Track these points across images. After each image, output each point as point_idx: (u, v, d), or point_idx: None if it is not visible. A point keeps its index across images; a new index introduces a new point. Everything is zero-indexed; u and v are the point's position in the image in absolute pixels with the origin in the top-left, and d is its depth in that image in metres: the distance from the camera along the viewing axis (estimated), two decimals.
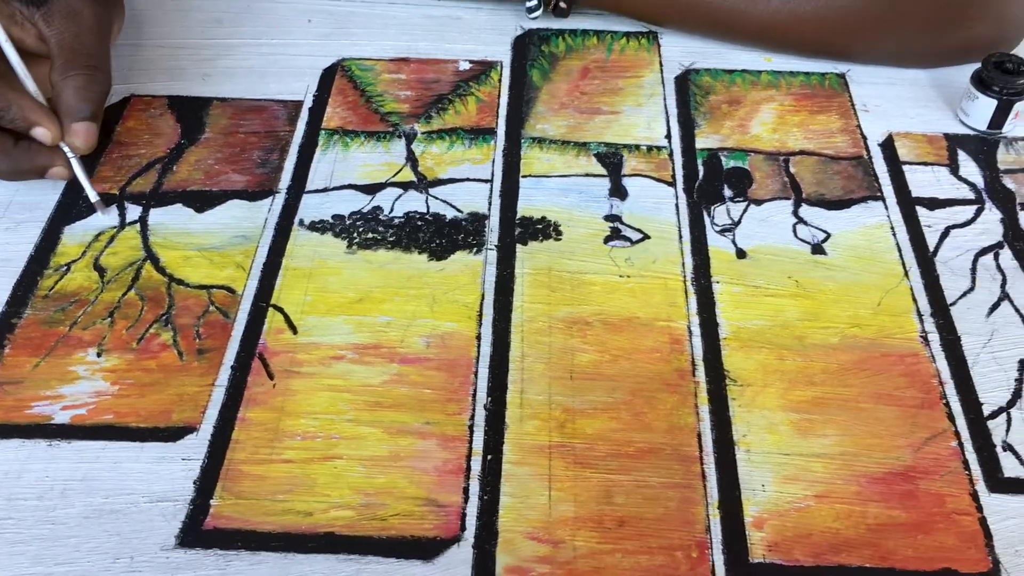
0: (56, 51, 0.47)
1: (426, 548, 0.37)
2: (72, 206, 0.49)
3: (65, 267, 0.46)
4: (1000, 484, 0.40)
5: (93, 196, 0.48)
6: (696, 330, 0.45)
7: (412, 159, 0.52)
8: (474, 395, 0.42)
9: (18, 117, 0.45)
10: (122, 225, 0.48)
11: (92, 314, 0.44)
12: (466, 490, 0.38)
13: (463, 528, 0.37)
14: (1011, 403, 0.43)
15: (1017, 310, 0.46)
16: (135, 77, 0.56)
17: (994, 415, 0.42)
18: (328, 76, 0.58)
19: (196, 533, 0.37)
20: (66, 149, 0.47)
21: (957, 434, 0.41)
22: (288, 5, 0.63)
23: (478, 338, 0.44)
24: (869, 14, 0.58)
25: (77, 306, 0.44)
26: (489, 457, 0.40)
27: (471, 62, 0.59)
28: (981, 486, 0.39)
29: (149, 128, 0.53)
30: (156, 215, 0.49)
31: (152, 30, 0.60)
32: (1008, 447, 0.41)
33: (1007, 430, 0.41)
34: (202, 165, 0.51)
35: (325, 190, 0.51)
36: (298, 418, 0.41)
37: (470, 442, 0.40)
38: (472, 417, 0.41)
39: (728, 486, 0.39)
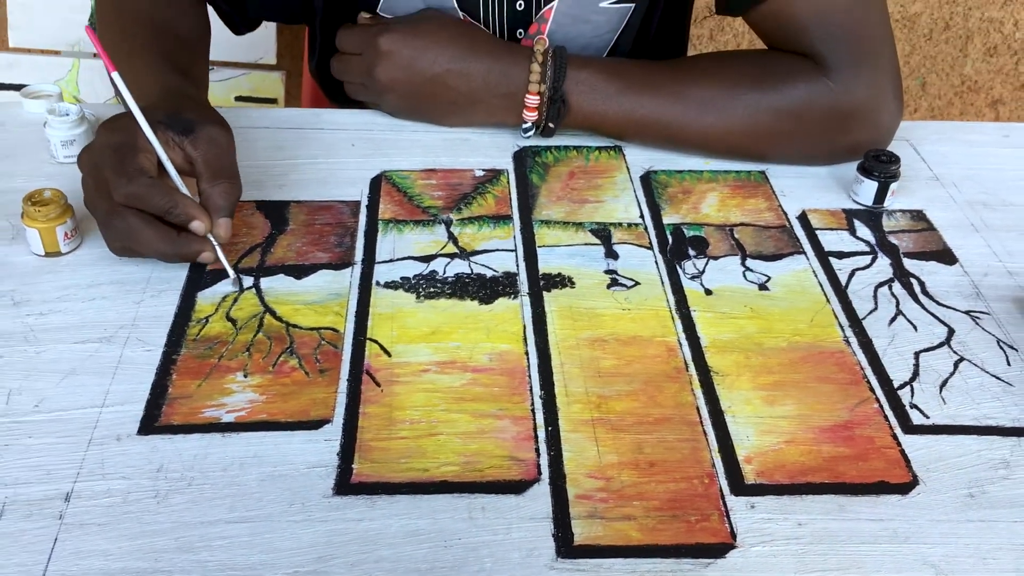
0: (202, 167, 0.62)
1: (516, 487, 0.50)
2: (198, 279, 0.63)
3: (204, 320, 0.60)
4: (911, 429, 0.56)
5: (231, 273, 0.62)
6: (684, 342, 0.61)
7: (453, 238, 0.69)
8: (530, 390, 0.56)
9: (182, 213, 0.60)
10: (241, 290, 0.62)
11: (233, 350, 0.58)
12: (537, 450, 0.53)
13: (539, 473, 0.51)
14: (912, 379, 0.59)
15: (909, 321, 0.64)
16: None
17: (901, 387, 0.59)
18: (376, 183, 0.74)
19: (346, 485, 0.50)
20: (212, 239, 0.62)
21: (878, 400, 0.57)
22: (334, 133, 0.80)
23: (526, 354, 0.59)
24: (780, 128, 0.77)
25: (220, 345, 0.58)
26: (549, 428, 0.54)
27: (484, 170, 0.76)
28: (899, 431, 0.55)
29: (246, 224, 0.68)
30: (266, 282, 0.63)
31: None
32: (914, 406, 0.57)
33: (911, 396, 0.58)
34: (293, 247, 0.66)
35: (391, 260, 0.66)
36: (404, 410, 0.54)
37: (533, 420, 0.54)
38: (532, 404, 0.55)
39: (723, 438, 0.54)
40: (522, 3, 0.81)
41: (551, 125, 0.78)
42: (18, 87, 1.31)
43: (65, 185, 0.68)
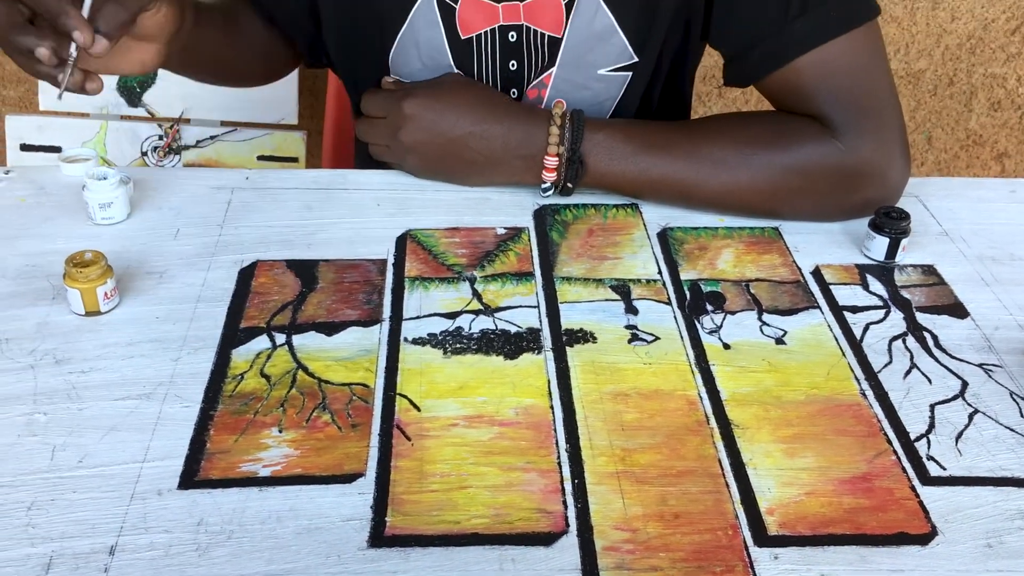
0: None
1: (545, 539, 0.52)
2: (233, 336, 0.65)
3: (240, 376, 0.62)
4: (928, 480, 0.57)
5: (60, 90, 0.65)
6: (704, 396, 0.62)
7: (477, 295, 0.71)
8: (556, 443, 0.58)
9: (70, 22, 0.61)
10: (274, 347, 0.65)
11: (268, 406, 0.60)
12: (564, 502, 0.54)
13: (567, 525, 0.53)
14: (928, 431, 0.61)
15: (923, 374, 0.66)
16: (258, 248, 0.74)
17: (918, 439, 0.60)
18: (401, 242, 0.76)
19: (381, 538, 0.51)
20: (72, 50, 0.63)
21: (895, 452, 0.59)
22: (359, 193, 0.82)
23: (551, 408, 0.61)
24: (792, 186, 0.80)
25: (255, 401, 0.60)
26: (576, 481, 0.55)
27: (505, 228, 0.79)
28: (916, 483, 0.57)
29: (277, 282, 0.71)
30: (297, 339, 0.65)
31: (262, 215, 0.78)
32: (930, 458, 0.59)
33: (928, 447, 0.59)
34: (323, 305, 0.69)
35: (418, 317, 0.68)
36: (434, 464, 0.56)
37: (560, 472, 0.56)
38: (558, 457, 0.57)
39: (745, 490, 0.55)
40: (514, 63, 0.84)
41: (569, 185, 0.81)
42: (48, 148, 1.35)
43: (103, 246, 0.70)
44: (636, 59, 0.84)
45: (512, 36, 0.83)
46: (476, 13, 0.82)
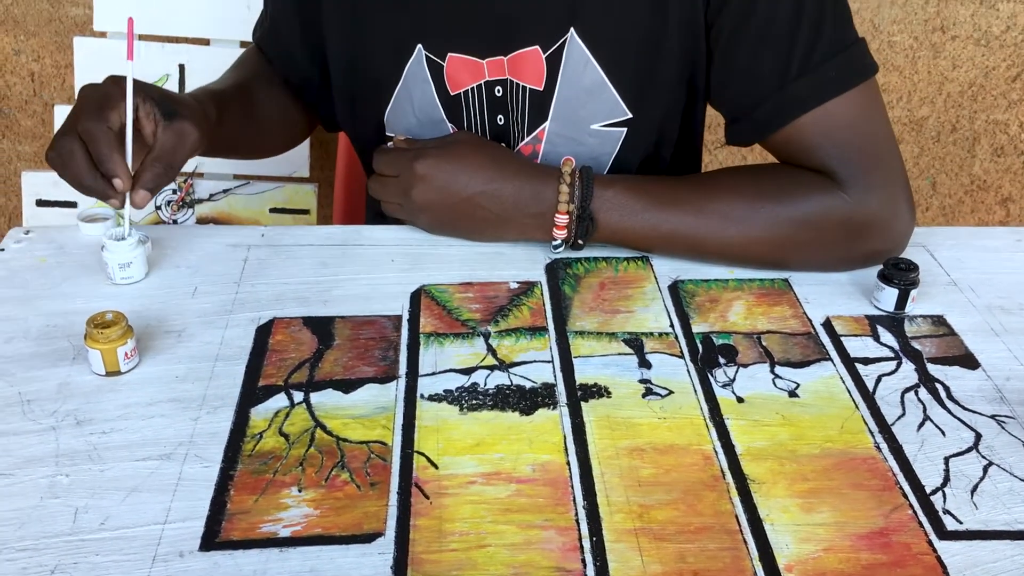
0: (157, 147, 0.74)
1: None
2: (251, 394, 0.66)
3: (259, 435, 0.62)
4: (945, 535, 0.57)
5: (127, 230, 0.77)
6: (719, 450, 0.63)
7: (491, 350, 0.72)
8: (574, 500, 0.58)
9: (109, 167, 0.71)
10: (292, 405, 0.65)
11: (287, 465, 0.60)
12: (583, 560, 0.54)
13: None
14: (943, 484, 0.61)
15: (937, 426, 0.66)
16: (275, 305, 0.75)
17: (934, 492, 0.60)
18: (416, 297, 0.77)
19: None
20: (127, 197, 0.72)
21: (911, 506, 0.59)
22: (374, 249, 0.84)
23: (568, 464, 0.61)
24: (799, 238, 0.81)
25: (274, 460, 0.61)
26: (594, 538, 0.56)
27: (518, 282, 0.80)
28: (933, 537, 0.57)
29: (294, 340, 0.72)
30: (315, 397, 0.66)
31: (278, 272, 0.79)
32: (947, 512, 0.59)
33: (944, 501, 0.60)
34: (340, 362, 0.69)
35: (433, 373, 0.69)
36: (453, 522, 0.56)
37: (578, 530, 0.56)
38: (576, 514, 0.57)
39: (763, 546, 0.56)
40: (502, 118, 0.87)
41: (580, 241, 0.82)
42: (64, 204, 1.37)
43: (123, 305, 0.71)
44: (630, 115, 0.85)
45: (498, 91, 0.85)
46: (462, 70, 0.85)
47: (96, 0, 1.32)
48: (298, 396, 0.66)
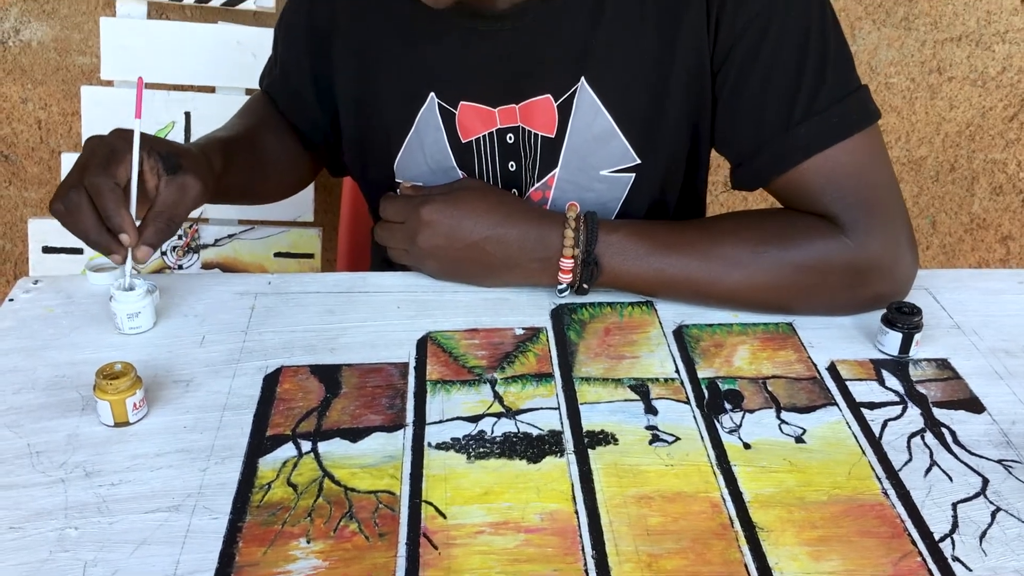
0: (159, 201, 0.75)
1: None
2: (259, 444, 0.66)
3: (267, 486, 0.63)
4: None
5: (127, 280, 0.77)
6: (727, 497, 0.63)
7: (498, 397, 0.72)
8: (582, 550, 0.58)
9: (116, 223, 0.71)
10: (300, 455, 0.65)
11: (296, 515, 0.60)
12: None
13: None
14: (952, 531, 0.61)
15: (944, 472, 0.66)
16: (282, 354, 0.76)
17: (942, 539, 0.60)
18: (422, 344, 0.78)
19: None
20: (130, 252, 0.73)
21: (920, 553, 0.59)
22: (379, 296, 0.84)
23: (576, 513, 0.61)
24: (803, 282, 0.81)
25: (283, 511, 0.61)
26: None
27: (523, 328, 0.80)
28: None
29: (301, 388, 0.72)
30: (323, 446, 0.66)
31: (284, 320, 0.80)
32: (956, 559, 0.59)
33: (953, 548, 0.60)
34: (347, 410, 0.70)
35: (441, 421, 0.69)
36: (462, 573, 0.56)
37: None
38: (584, 564, 0.57)
39: None
40: (513, 164, 0.88)
41: (585, 286, 0.82)
42: (70, 250, 1.37)
43: (131, 355, 0.72)
44: (638, 161, 0.87)
45: (510, 138, 0.87)
46: (474, 118, 0.86)
47: (103, 49, 1.35)
48: (306, 445, 0.66)
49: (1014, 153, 1.58)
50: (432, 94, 0.87)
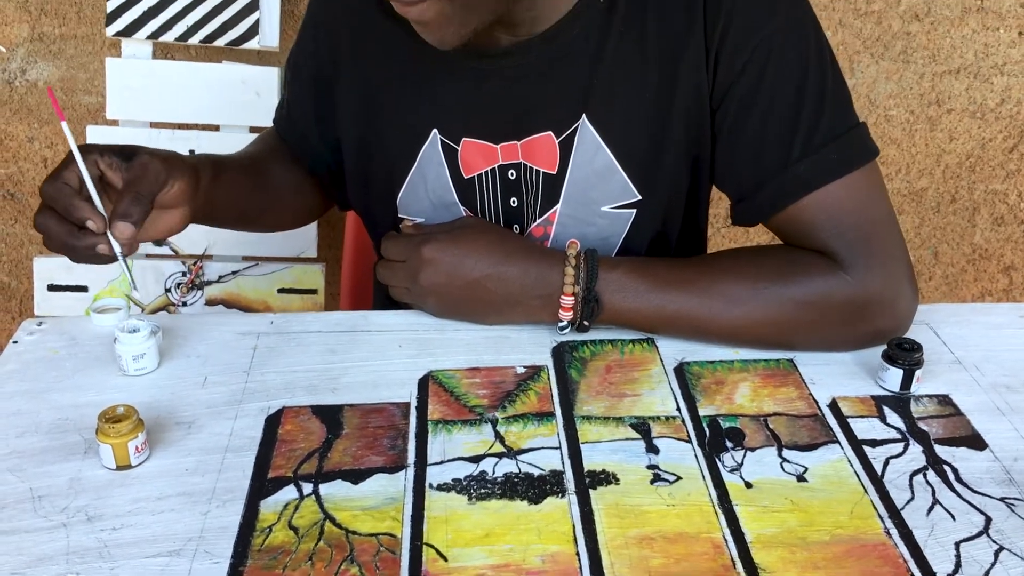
0: (125, 181, 0.75)
1: None
2: (260, 487, 0.66)
3: (268, 529, 0.63)
4: None
5: (130, 281, 0.76)
6: (729, 538, 0.63)
7: (499, 437, 0.72)
8: None
9: (77, 214, 0.72)
10: (301, 497, 0.65)
11: (297, 559, 0.60)
12: None
13: None
14: (955, 571, 0.61)
15: (946, 510, 0.66)
16: (284, 394, 0.76)
17: None
18: (423, 384, 0.78)
19: None
20: (112, 239, 0.72)
21: None
22: (381, 335, 0.84)
23: (577, 554, 0.61)
24: (803, 319, 0.81)
25: (284, 555, 0.61)
26: None
27: (524, 367, 0.80)
28: None
29: (303, 429, 0.72)
30: (324, 488, 0.66)
31: (286, 360, 0.80)
32: None
33: None
34: (349, 451, 0.70)
35: (442, 462, 0.69)
36: None
37: None
38: None
39: None
40: (515, 200, 0.88)
41: (586, 323, 0.83)
42: (75, 288, 1.38)
43: (134, 397, 0.72)
44: (639, 197, 0.87)
45: (512, 174, 0.87)
46: (476, 155, 0.87)
47: (109, 89, 1.36)
48: (307, 488, 0.66)
49: (1015, 184, 1.59)
50: (435, 131, 0.88)
